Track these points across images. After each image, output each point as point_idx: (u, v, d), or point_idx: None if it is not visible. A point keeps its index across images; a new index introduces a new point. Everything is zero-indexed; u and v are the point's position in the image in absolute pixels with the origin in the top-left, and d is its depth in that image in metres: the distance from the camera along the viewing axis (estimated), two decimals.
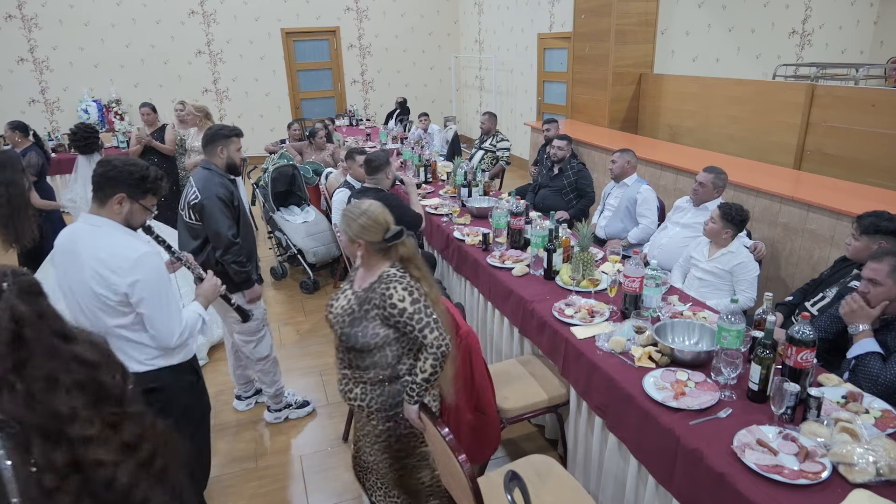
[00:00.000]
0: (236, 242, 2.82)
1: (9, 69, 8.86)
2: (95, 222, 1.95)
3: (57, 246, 2.01)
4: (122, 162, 1.96)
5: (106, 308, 1.92)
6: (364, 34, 10.56)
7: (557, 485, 2.16)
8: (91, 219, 1.96)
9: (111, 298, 1.91)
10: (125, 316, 1.95)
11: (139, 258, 1.90)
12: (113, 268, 1.88)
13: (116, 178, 1.93)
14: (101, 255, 1.89)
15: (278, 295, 5.14)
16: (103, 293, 1.90)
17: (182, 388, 2.11)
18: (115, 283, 1.88)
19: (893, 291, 2.18)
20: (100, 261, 1.88)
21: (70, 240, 1.97)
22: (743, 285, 3.12)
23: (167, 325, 1.98)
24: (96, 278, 1.89)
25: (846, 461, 1.64)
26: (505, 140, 6.50)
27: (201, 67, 9.81)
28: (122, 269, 1.88)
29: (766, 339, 1.95)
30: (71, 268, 1.94)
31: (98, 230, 1.94)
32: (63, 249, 1.98)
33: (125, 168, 1.94)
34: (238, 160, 2.94)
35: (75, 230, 1.99)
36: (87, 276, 1.89)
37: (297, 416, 3.39)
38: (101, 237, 1.92)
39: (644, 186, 4.24)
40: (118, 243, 1.92)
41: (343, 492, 2.85)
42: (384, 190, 3.84)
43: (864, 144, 4.50)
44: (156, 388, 2.00)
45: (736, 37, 7.25)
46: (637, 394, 2.08)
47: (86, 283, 1.90)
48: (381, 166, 3.79)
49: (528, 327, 2.88)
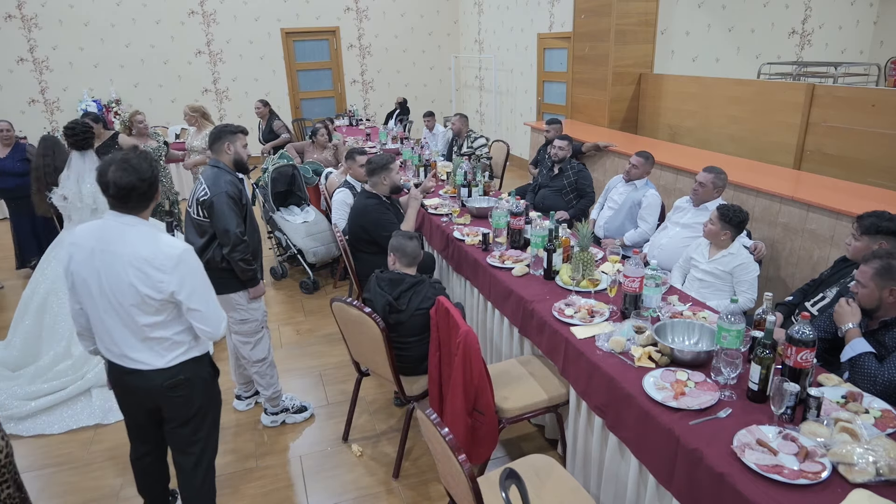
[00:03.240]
0: (244, 240, 2.83)
1: (9, 69, 8.86)
2: (128, 221, 1.95)
3: (80, 246, 1.97)
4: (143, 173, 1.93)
5: (145, 307, 1.94)
6: (364, 34, 10.56)
7: (557, 485, 2.16)
8: (122, 218, 1.95)
9: (155, 297, 1.93)
10: (160, 314, 1.98)
11: (182, 254, 1.94)
12: (158, 266, 1.90)
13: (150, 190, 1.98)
14: (145, 253, 1.90)
15: (278, 295, 5.14)
16: (148, 292, 1.92)
17: (203, 379, 2.18)
18: (162, 280, 1.91)
19: (876, 294, 2.21)
20: (144, 260, 1.90)
21: (101, 239, 1.94)
22: (743, 286, 3.12)
23: (215, 314, 2.06)
24: (141, 277, 1.90)
25: (846, 461, 1.64)
26: (479, 137, 6.48)
27: (201, 67, 9.81)
28: (167, 266, 1.91)
29: (765, 339, 1.95)
30: (109, 268, 1.92)
31: (133, 229, 1.95)
32: (93, 249, 1.94)
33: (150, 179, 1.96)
34: (245, 157, 2.97)
35: (104, 229, 1.96)
36: (131, 275, 1.90)
37: (293, 420, 3.38)
38: (141, 237, 1.93)
39: (651, 191, 4.23)
40: (159, 241, 1.94)
41: (343, 492, 2.85)
42: (380, 196, 3.82)
43: (864, 144, 4.50)
44: (181, 381, 2.08)
45: (736, 37, 7.25)
46: (637, 394, 2.08)
47: (128, 283, 1.91)
48: (375, 170, 3.77)
49: (527, 327, 2.88)
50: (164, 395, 2.09)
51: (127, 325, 1.99)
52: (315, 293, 5.14)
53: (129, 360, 2.05)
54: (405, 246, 2.90)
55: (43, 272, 3.94)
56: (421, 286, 2.83)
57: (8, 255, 6.23)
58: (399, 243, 2.91)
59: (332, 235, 4.95)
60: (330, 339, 4.32)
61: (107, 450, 3.21)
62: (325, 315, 4.69)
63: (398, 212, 3.91)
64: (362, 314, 2.68)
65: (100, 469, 3.06)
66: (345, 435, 3.22)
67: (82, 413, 3.49)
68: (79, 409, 3.52)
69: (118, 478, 2.99)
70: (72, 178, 3.86)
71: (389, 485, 2.88)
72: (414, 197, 3.83)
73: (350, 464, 3.04)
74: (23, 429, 3.37)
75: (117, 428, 3.39)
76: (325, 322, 4.58)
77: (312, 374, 3.90)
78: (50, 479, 3.00)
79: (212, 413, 2.29)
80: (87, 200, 3.88)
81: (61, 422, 3.44)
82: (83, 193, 3.85)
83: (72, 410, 3.51)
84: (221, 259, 2.84)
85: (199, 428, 2.23)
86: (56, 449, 3.23)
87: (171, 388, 2.08)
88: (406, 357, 2.86)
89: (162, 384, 2.06)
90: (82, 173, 3.85)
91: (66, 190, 3.85)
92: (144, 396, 2.12)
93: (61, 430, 3.38)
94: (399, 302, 2.78)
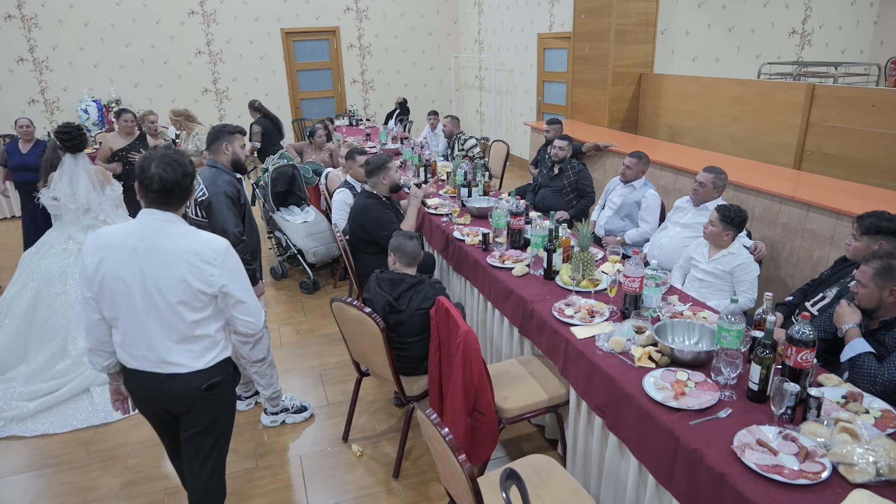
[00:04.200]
0: (243, 240, 2.83)
1: (8, 69, 8.87)
2: (167, 218, 1.93)
3: (115, 247, 1.90)
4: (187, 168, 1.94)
5: (195, 302, 1.94)
6: (364, 34, 10.56)
7: (557, 485, 2.16)
8: (161, 215, 1.92)
9: (206, 291, 1.94)
10: (205, 310, 1.99)
11: (227, 248, 1.98)
12: (209, 259, 1.92)
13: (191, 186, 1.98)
14: (195, 247, 1.91)
15: (278, 295, 5.14)
16: (200, 287, 1.92)
17: (231, 379, 2.18)
18: (212, 274, 1.93)
19: (876, 294, 2.21)
20: (196, 254, 1.90)
21: (143, 237, 1.90)
22: (743, 286, 3.12)
23: (256, 306, 2.09)
24: (192, 272, 1.90)
25: (846, 461, 1.64)
26: (469, 138, 6.49)
27: (201, 67, 9.81)
28: (217, 259, 1.93)
29: (766, 339, 1.95)
30: (157, 265, 1.89)
31: (174, 226, 1.94)
32: (134, 248, 1.89)
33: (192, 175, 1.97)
34: (243, 157, 2.97)
35: (145, 228, 1.92)
36: (183, 270, 1.89)
37: (293, 420, 3.38)
38: (185, 233, 1.94)
39: (650, 191, 4.24)
40: (203, 236, 1.96)
41: (343, 492, 2.85)
42: (380, 196, 3.82)
43: (865, 144, 4.50)
44: (217, 383, 2.06)
45: (736, 37, 7.25)
46: (637, 394, 2.08)
47: (180, 278, 1.89)
48: (374, 171, 3.78)
49: (527, 327, 2.88)
50: (200, 398, 2.04)
51: (169, 326, 1.95)
52: (315, 293, 5.14)
53: (168, 364, 1.99)
54: (405, 246, 2.90)
55: (32, 270, 3.90)
56: (421, 286, 2.83)
57: (8, 256, 6.24)
58: (399, 243, 2.91)
59: (332, 235, 4.95)
60: (330, 339, 4.32)
61: (107, 450, 3.21)
62: (325, 315, 4.69)
63: (398, 211, 3.91)
64: (362, 314, 2.68)
65: (100, 469, 3.06)
66: (345, 435, 3.22)
67: (85, 412, 3.49)
68: (81, 409, 3.51)
69: (118, 478, 2.99)
70: (64, 180, 3.89)
71: (389, 485, 2.88)
72: (414, 195, 3.82)
73: (350, 464, 3.04)
74: (26, 429, 3.37)
75: (117, 428, 3.39)
76: (325, 322, 4.58)
77: (312, 374, 3.90)
78: (50, 479, 3.00)
79: (231, 417, 2.28)
80: (81, 201, 3.91)
81: (64, 420, 3.43)
82: (77, 194, 3.88)
83: (73, 409, 3.51)
84: None
85: (221, 435, 2.20)
86: (56, 449, 3.23)
87: (208, 389, 2.04)
88: (406, 357, 2.86)
89: (200, 386, 2.02)
90: (75, 174, 3.88)
91: (57, 191, 3.87)
92: (175, 401, 2.05)
93: (65, 430, 3.37)
94: (399, 302, 2.78)
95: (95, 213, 4.01)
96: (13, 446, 3.28)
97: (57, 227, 4.05)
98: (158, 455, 3.12)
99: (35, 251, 4.02)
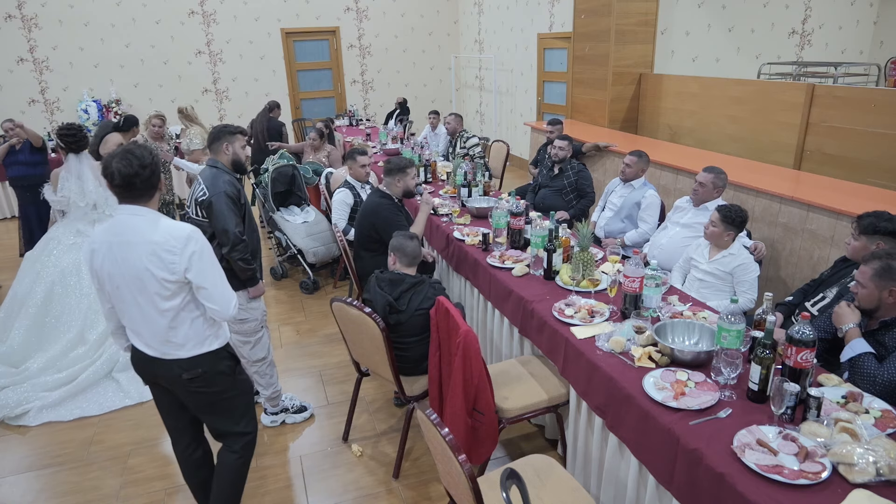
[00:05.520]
0: (243, 239, 2.83)
1: (9, 69, 8.86)
2: (138, 212, 2.02)
3: (99, 243, 2.05)
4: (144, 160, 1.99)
5: (163, 291, 2.02)
6: (364, 34, 10.56)
7: (557, 485, 2.16)
8: (131, 209, 2.02)
9: (169, 279, 2.00)
10: (177, 297, 2.05)
11: (190, 233, 2.02)
12: (168, 248, 1.98)
13: (153, 177, 2.03)
14: (156, 238, 1.98)
15: (278, 295, 5.14)
16: (164, 275, 1.99)
17: (220, 371, 2.21)
18: (173, 261, 1.99)
19: (876, 294, 2.21)
20: (155, 243, 1.98)
21: (115, 233, 2.02)
22: (744, 287, 3.11)
23: (223, 294, 2.11)
24: (154, 261, 1.98)
25: (846, 461, 1.64)
26: (472, 137, 6.47)
27: (201, 67, 9.81)
28: (177, 247, 1.98)
29: (765, 340, 1.95)
30: (128, 257, 2.00)
31: (143, 219, 2.02)
32: (110, 243, 2.02)
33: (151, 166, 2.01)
34: (243, 157, 2.97)
35: (118, 224, 2.03)
36: (146, 261, 1.98)
37: (293, 420, 3.38)
38: (149, 224, 2.01)
39: (650, 191, 4.23)
40: (168, 225, 2.03)
41: (343, 492, 2.85)
42: (392, 197, 3.82)
43: (864, 144, 4.50)
44: (199, 374, 2.15)
45: (736, 37, 7.25)
46: (637, 394, 2.08)
47: (145, 269, 1.98)
48: (392, 171, 3.78)
49: (527, 327, 2.88)
50: (182, 386, 2.17)
51: (147, 315, 2.06)
52: (315, 293, 5.14)
53: (151, 349, 2.12)
54: (405, 246, 2.90)
55: (44, 265, 3.99)
56: (421, 286, 2.83)
57: (8, 255, 6.24)
58: (399, 243, 2.91)
59: (333, 235, 4.95)
60: (330, 339, 4.32)
61: (107, 450, 3.21)
62: (325, 315, 4.70)
63: (408, 215, 3.90)
64: (362, 314, 2.68)
65: (100, 469, 3.07)
66: (345, 435, 3.22)
67: (117, 395, 3.64)
68: (111, 392, 3.66)
69: (118, 478, 2.99)
70: (72, 179, 4.02)
71: (389, 485, 2.88)
72: (426, 202, 3.82)
73: (350, 464, 3.04)
74: (63, 414, 3.50)
75: (117, 428, 3.39)
76: (325, 322, 4.58)
77: (312, 374, 3.90)
78: (50, 479, 3.00)
79: (241, 402, 2.34)
80: (91, 197, 4.05)
81: (98, 404, 3.59)
82: (86, 191, 4.02)
83: (103, 395, 3.65)
84: (221, 258, 2.84)
85: (231, 403, 2.30)
86: (56, 449, 3.23)
87: (190, 380, 2.14)
88: (406, 357, 2.86)
89: (180, 375, 2.13)
90: (80, 172, 4.02)
91: (67, 190, 4.00)
92: (164, 381, 2.19)
93: (101, 412, 3.53)
94: (399, 302, 2.78)
95: (102, 208, 4.14)
96: (13, 446, 3.28)
97: (63, 223, 4.15)
98: (158, 455, 3.13)
99: (43, 247, 4.11)
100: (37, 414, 3.48)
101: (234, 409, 2.32)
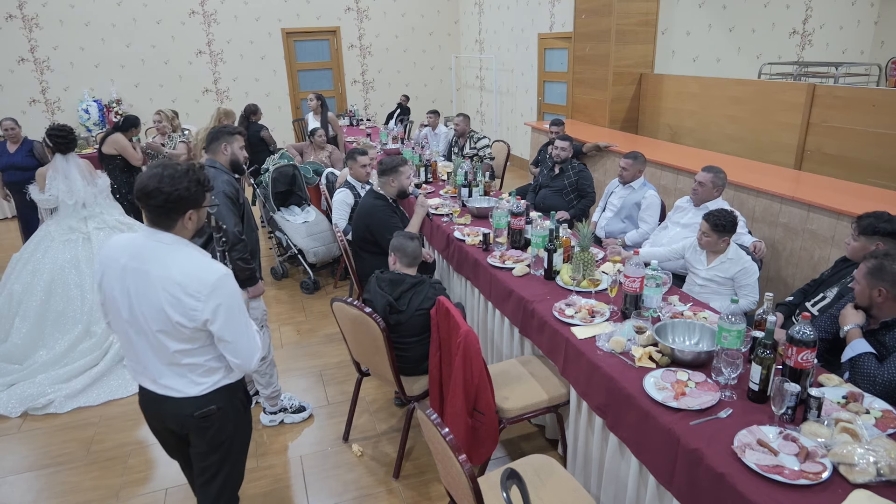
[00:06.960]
0: (242, 239, 2.84)
1: (9, 69, 8.87)
2: (163, 239, 1.79)
3: (112, 261, 1.83)
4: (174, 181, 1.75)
5: (175, 334, 1.80)
6: (364, 34, 10.57)
7: (558, 485, 2.16)
8: (157, 235, 1.80)
9: (186, 326, 1.77)
10: (192, 342, 1.83)
11: (218, 280, 1.77)
12: (191, 292, 1.74)
13: (184, 198, 1.77)
14: (178, 278, 1.75)
15: (279, 295, 5.15)
16: (180, 320, 1.76)
17: (235, 407, 2.01)
18: (195, 308, 1.75)
19: (867, 292, 2.22)
20: (177, 284, 1.74)
21: (134, 256, 1.80)
22: (746, 290, 3.09)
23: (248, 347, 1.88)
24: (172, 303, 1.75)
25: (846, 461, 1.64)
26: (483, 138, 6.46)
27: (202, 67, 9.82)
28: (202, 293, 1.75)
29: (766, 340, 1.95)
30: (141, 288, 1.78)
31: (167, 248, 1.79)
32: (125, 266, 1.80)
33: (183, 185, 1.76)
34: (241, 157, 2.98)
35: (138, 246, 1.81)
36: (162, 300, 1.75)
37: (292, 420, 3.38)
38: (173, 257, 1.78)
39: (650, 192, 4.23)
40: (194, 264, 1.78)
41: (343, 492, 2.85)
42: (387, 198, 3.81)
43: (865, 144, 4.50)
44: (212, 411, 1.92)
45: (736, 37, 7.25)
46: (637, 394, 2.08)
47: (159, 308, 1.76)
48: (386, 171, 3.76)
49: (528, 327, 2.88)
50: (194, 425, 1.93)
51: (156, 350, 1.84)
52: (315, 293, 5.14)
53: (159, 385, 1.90)
54: (406, 246, 2.90)
55: (39, 262, 4.02)
56: (421, 286, 2.83)
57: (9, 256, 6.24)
58: (399, 243, 2.91)
59: (333, 235, 4.95)
60: (330, 339, 4.32)
61: (107, 450, 3.21)
62: (326, 315, 4.70)
63: (404, 216, 3.88)
64: (363, 314, 2.68)
65: (100, 469, 3.07)
66: (345, 435, 3.22)
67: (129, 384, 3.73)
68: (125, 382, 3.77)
69: (118, 478, 2.99)
70: (59, 178, 4.09)
71: (390, 485, 2.88)
72: (421, 204, 3.76)
73: (350, 464, 3.04)
74: (92, 398, 3.63)
75: (118, 428, 3.39)
76: (326, 322, 4.58)
77: (313, 374, 3.90)
78: (50, 479, 3.00)
79: (240, 442, 2.10)
80: (79, 196, 4.11)
81: (124, 388, 3.72)
82: (74, 190, 4.08)
83: (125, 379, 3.76)
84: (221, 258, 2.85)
85: (226, 458, 2.05)
86: (56, 449, 3.23)
87: (202, 418, 1.92)
88: (406, 357, 2.86)
89: (192, 413, 1.90)
90: (67, 172, 4.09)
91: (55, 189, 4.07)
92: (173, 423, 1.97)
93: (128, 394, 3.68)
94: (399, 302, 2.78)
95: (91, 206, 4.19)
96: (13, 446, 3.28)
97: (55, 221, 4.19)
98: (158, 455, 3.12)
99: (36, 243, 4.13)
100: (63, 402, 3.56)
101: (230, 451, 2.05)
